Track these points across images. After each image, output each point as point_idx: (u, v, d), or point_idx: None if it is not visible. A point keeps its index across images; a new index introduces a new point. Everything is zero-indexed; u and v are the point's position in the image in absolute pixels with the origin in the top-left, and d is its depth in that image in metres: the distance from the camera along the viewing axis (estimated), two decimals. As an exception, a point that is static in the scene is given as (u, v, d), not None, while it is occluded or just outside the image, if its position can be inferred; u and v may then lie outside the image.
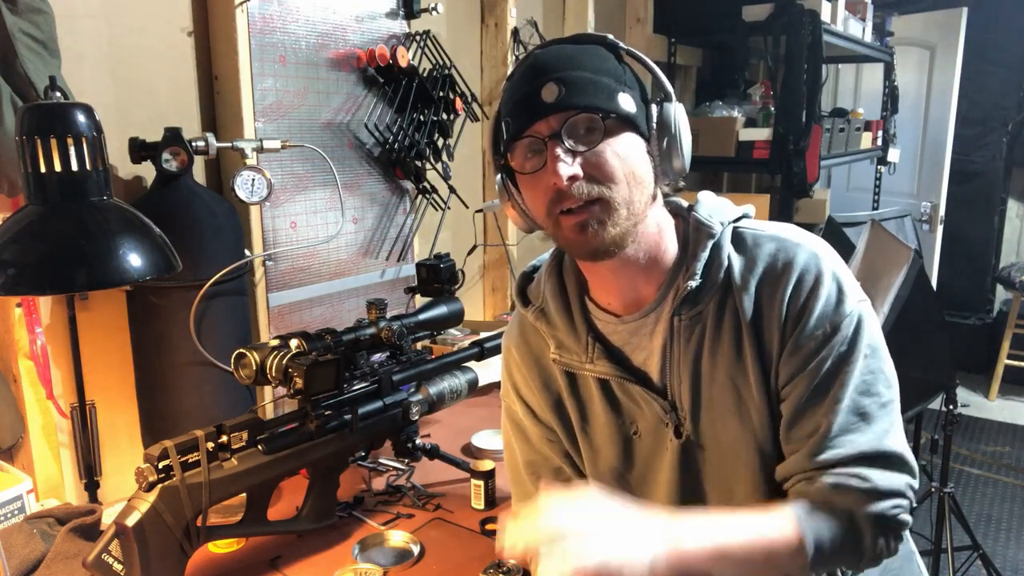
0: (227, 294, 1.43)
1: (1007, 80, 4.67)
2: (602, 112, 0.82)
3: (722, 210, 0.93)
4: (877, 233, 2.51)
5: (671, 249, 0.91)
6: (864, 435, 0.84)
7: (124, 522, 1.03)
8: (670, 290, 0.90)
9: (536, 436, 1.05)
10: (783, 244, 0.89)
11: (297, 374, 1.14)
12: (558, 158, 0.81)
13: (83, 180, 1.11)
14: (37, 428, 1.38)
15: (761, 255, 0.89)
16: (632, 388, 0.94)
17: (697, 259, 0.89)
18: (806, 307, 0.85)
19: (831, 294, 0.86)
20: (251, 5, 1.56)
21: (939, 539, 2.43)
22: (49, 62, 1.25)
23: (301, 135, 1.72)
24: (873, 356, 0.86)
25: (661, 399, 0.93)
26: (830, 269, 0.87)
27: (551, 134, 0.82)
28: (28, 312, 1.34)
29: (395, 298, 1.98)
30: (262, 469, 1.15)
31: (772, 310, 0.87)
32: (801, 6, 2.81)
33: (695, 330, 0.90)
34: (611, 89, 0.83)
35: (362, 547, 1.29)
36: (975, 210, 4.81)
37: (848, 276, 0.88)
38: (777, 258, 0.88)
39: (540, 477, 1.06)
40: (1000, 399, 4.48)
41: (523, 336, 1.04)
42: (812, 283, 0.86)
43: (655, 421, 0.95)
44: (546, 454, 1.06)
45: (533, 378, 1.03)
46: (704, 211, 0.92)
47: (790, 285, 0.86)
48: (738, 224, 0.93)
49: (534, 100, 0.82)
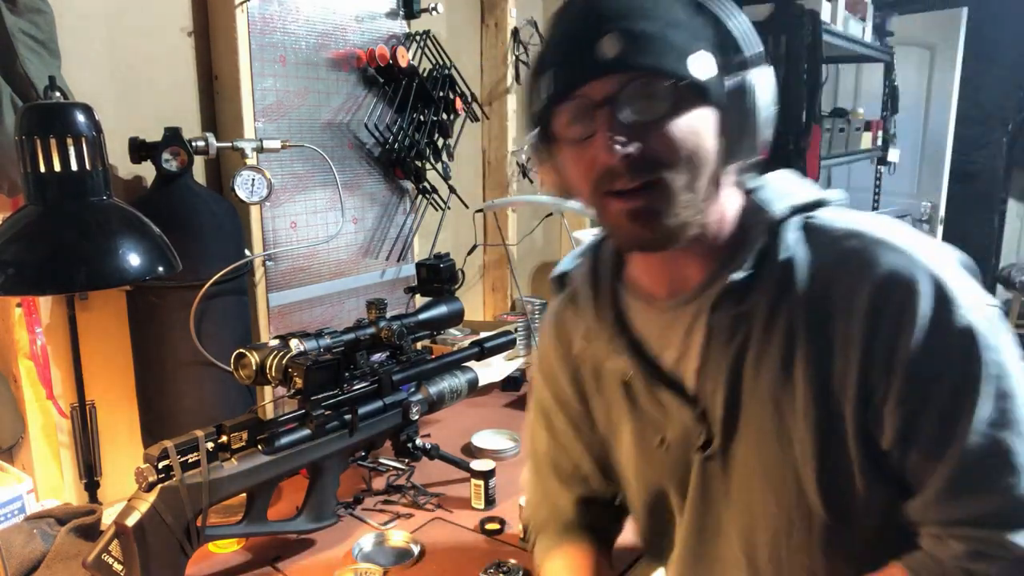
0: (227, 294, 1.43)
1: (1007, 80, 4.66)
2: (672, 77, 0.66)
3: (791, 194, 0.78)
4: (877, 233, 2.51)
5: (728, 231, 0.77)
6: (1006, 479, 0.67)
7: (124, 522, 1.03)
8: (716, 280, 0.76)
9: (561, 426, 0.98)
10: (866, 240, 0.71)
11: (297, 374, 1.14)
12: (612, 131, 0.67)
13: (83, 180, 1.11)
14: (37, 428, 1.38)
15: (835, 253, 0.72)
16: (659, 392, 0.82)
17: (747, 249, 0.74)
18: (894, 332, 0.68)
19: (928, 309, 0.67)
20: (251, 5, 1.56)
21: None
22: (49, 62, 1.25)
23: (301, 135, 1.72)
24: (1007, 375, 0.67)
25: (692, 407, 0.80)
26: (927, 274, 0.68)
27: (606, 99, 0.67)
28: (28, 312, 1.34)
29: (395, 298, 1.98)
30: (262, 469, 1.15)
31: (846, 328, 0.70)
32: (801, 6, 2.81)
33: (739, 331, 0.75)
34: (685, 47, 0.67)
35: (362, 547, 1.29)
36: (975, 210, 4.80)
37: (955, 280, 0.69)
38: (854, 259, 0.71)
39: (560, 471, 1.00)
40: (1000, 399, 4.48)
41: (557, 322, 0.96)
42: (902, 297, 0.67)
43: (683, 432, 0.82)
44: (569, 447, 0.99)
45: (566, 367, 0.95)
46: (767, 193, 0.78)
47: (868, 297, 0.68)
48: (813, 214, 0.77)
49: (589, 53, 0.66)
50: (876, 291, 0.69)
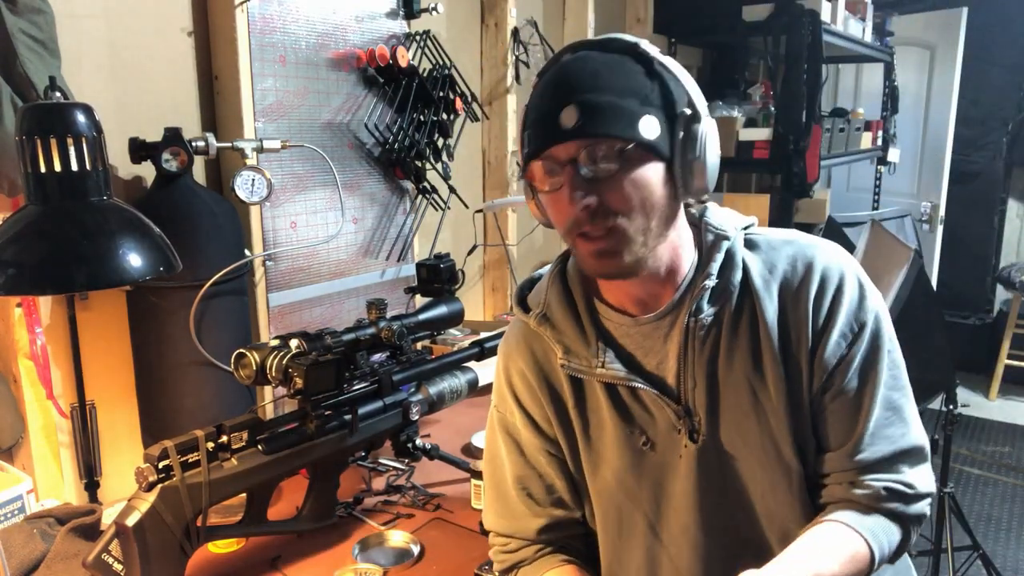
0: (227, 294, 1.43)
1: (1007, 80, 4.67)
2: (622, 141, 0.80)
3: (731, 217, 0.95)
4: (877, 233, 2.51)
5: (689, 258, 0.91)
6: (898, 429, 0.88)
7: (124, 522, 1.03)
8: (688, 292, 0.90)
9: (532, 448, 1.01)
10: (799, 247, 0.91)
11: (297, 374, 1.14)
12: (574, 187, 0.80)
13: (83, 180, 1.11)
14: (37, 428, 1.38)
15: (779, 257, 0.90)
16: (643, 393, 0.92)
17: (713, 260, 0.89)
18: (833, 308, 0.87)
19: (855, 294, 0.88)
20: (251, 5, 1.56)
21: (939, 539, 2.43)
22: (49, 62, 1.25)
23: (301, 135, 1.72)
24: (895, 349, 0.90)
25: (674, 404, 0.91)
26: (851, 270, 0.89)
27: (568, 160, 0.81)
28: (28, 312, 1.34)
29: (395, 298, 1.98)
30: (262, 469, 1.15)
31: (797, 312, 0.87)
32: (801, 6, 2.81)
33: (711, 332, 0.89)
34: (634, 113, 0.80)
35: (362, 547, 1.29)
36: (975, 210, 4.81)
37: (864, 275, 0.91)
38: (796, 260, 0.89)
39: (531, 494, 1.01)
40: (1000, 399, 4.49)
41: (527, 342, 1.00)
42: (837, 284, 0.88)
43: (667, 428, 0.92)
44: (540, 469, 1.01)
45: (539, 385, 0.99)
46: (715, 219, 0.93)
47: (813, 286, 0.87)
48: (748, 230, 0.94)
49: (553, 122, 0.80)
50: (820, 282, 0.88)
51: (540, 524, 1.01)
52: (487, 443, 1.08)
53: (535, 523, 1.01)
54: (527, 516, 1.01)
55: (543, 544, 1.02)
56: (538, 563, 1.01)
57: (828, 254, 0.90)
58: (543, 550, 1.02)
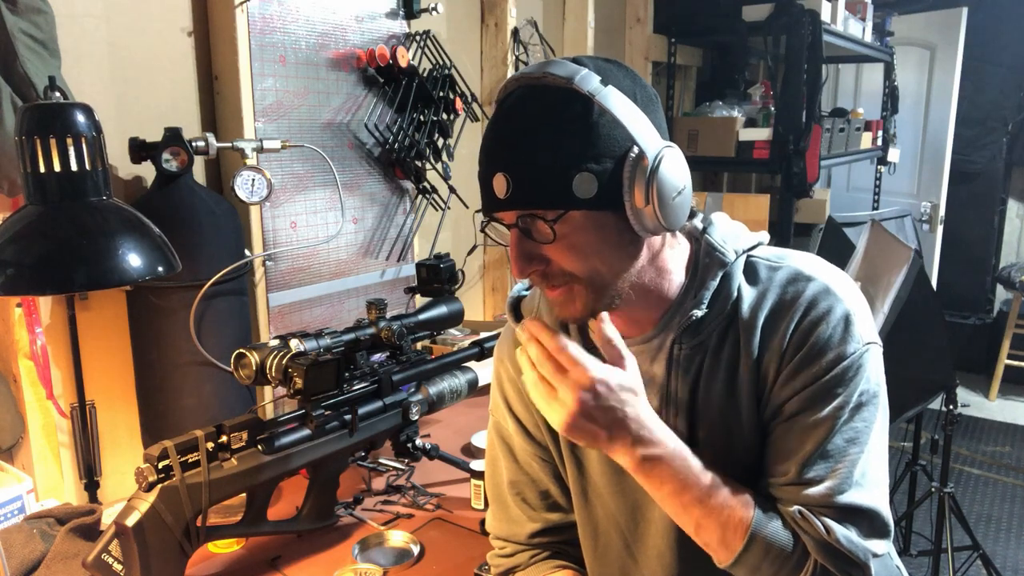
0: (227, 294, 1.43)
1: (1007, 80, 4.67)
2: (553, 208, 0.75)
3: (736, 236, 0.89)
4: (877, 233, 2.51)
5: (677, 278, 0.87)
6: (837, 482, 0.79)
7: (124, 522, 1.03)
8: (675, 318, 0.86)
9: (525, 454, 1.01)
10: (796, 277, 0.85)
11: (297, 374, 1.14)
12: (519, 252, 0.79)
13: (83, 180, 1.11)
14: (37, 428, 1.38)
15: (772, 289, 0.85)
16: None
17: (706, 287, 0.85)
18: (807, 338, 0.81)
19: (837, 329, 0.81)
20: (251, 5, 1.56)
21: (939, 539, 2.43)
22: (49, 62, 1.25)
23: (301, 135, 1.72)
24: (870, 404, 0.82)
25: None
26: (841, 304, 0.82)
27: (510, 225, 0.79)
28: (28, 312, 1.34)
29: (395, 298, 1.98)
30: (262, 469, 1.15)
31: (773, 343, 0.83)
32: (801, 6, 2.81)
33: (695, 360, 0.86)
34: (567, 172, 0.74)
35: (362, 547, 1.29)
36: (975, 210, 4.81)
37: (861, 315, 0.83)
38: (787, 292, 0.84)
39: (525, 499, 1.02)
40: (1000, 399, 4.49)
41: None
42: (818, 316, 0.81)
43: None
44: (534, 474, 1.01)
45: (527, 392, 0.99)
46: (718, 236, 0.87)
47: (795, 318, 0.82)
48: (752, 253, 0.89)
49: (489, 189, 0.78)
50: (802, 314, 0.82)
51: (535, 528, 1.01)
52: (488, 446, 1.09)
53: (530, 527, 1.01)
54: (522, 520, 1.02)
55: (539, 549, 1.02)
56: (533, 568, 1.01)
57: (822, 286, 0.83)
58: (538, 555, 1.02)
